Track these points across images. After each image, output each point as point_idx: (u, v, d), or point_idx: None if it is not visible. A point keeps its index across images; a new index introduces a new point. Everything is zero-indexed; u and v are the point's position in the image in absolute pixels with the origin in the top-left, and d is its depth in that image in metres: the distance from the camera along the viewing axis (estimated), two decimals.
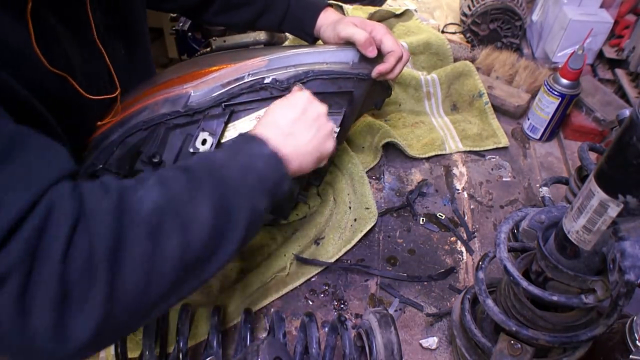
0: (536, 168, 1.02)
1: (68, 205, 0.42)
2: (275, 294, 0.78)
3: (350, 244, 0.84)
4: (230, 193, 0.52)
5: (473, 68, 1.11)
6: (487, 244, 0.88)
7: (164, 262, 0.46)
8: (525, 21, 1.24)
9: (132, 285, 0.44)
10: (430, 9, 1.43)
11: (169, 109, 0.71)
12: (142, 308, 0.46)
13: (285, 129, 0.62)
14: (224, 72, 0.74)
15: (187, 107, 0.70)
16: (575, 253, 0.50)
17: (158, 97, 0.72)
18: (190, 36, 1.26)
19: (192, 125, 0.71)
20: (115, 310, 0.43)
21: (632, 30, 1.14)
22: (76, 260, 0.41)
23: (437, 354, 0.73)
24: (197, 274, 0.50)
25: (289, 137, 0.62)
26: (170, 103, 0.71)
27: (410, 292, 0.80)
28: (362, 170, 0.93)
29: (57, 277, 0.40)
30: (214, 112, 0.71)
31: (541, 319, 0.57)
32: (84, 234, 0.42)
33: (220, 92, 0.72)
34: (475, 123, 1.08)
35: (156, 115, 0.70)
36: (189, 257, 0.48)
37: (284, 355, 0.58)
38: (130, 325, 0.47)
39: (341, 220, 0.88)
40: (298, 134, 0.63)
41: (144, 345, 0.66)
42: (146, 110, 0.71)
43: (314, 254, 0.84)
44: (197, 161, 0.54)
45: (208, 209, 0.49)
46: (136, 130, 0.70)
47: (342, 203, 0.90)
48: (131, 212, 0.45)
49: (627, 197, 0.43)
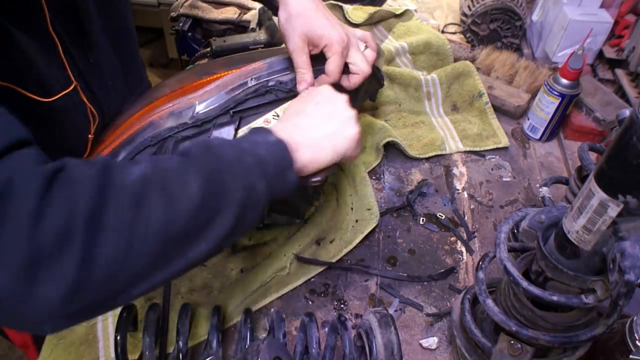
0: (536, 168, 1.02)
1: (36, 169, 0.41)
2: (275, 293, 0.78)
3: (351, 245, 0.84)
4: (224, 170, 0.50)
5: (473, 68, 1.11)
6: (487, 244, 0.88)
7: (146, 233, 0.44)
8: (525, 21, 1.24)
9: (109, 253, 0.42)
10: (430, 9, 1.43)
11: (175, 122, 0.70)
12: (118, 281, 0.43)
13: (297, 120, 0.61)
14: (227, 79, 0.74)
15: (194, 117, 0.70)
16: (575, 253, 0.50)
17: (162, 111, 0.71)
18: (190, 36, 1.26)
19: (201, 135, 0.71)
20: (88, 279, 0.41)
21: (632, 30, 1.14)
22: (50, 221, 0.39)
23: (437, 354, 0.73)
24: (183, 252, 0.47)
25: (299, 127, 0.60)
26: (175, 116, 0.71)
27: (410, 292, 0.80)
28: (364, 172, 0.93)
29: (26, 237, 0.38)
30: (222, 120, 0.71)
31: (541, 319, 0.57)
32: (62, 195, 0.40)
33: (225, 99, 0.71)
34: (475, 123, 1.08)
35: (163, 129, 0.70)
36: (173, 230, 0.45)
37: (284, 355, 0.59)
38: (104, 301, 0.44)
39: (343, 221, 0.88)
40: (310, 122, 0.61)
41: (144, 345, 0.66)
42: (151, 125, 0.70)
43: (314, 255, 0.84)
44: (196, 145, 0.53)
45: (198, 184, 0.47)
46: (144, 147, 0.69)
47: (344, 204, 0.90)
48: (115, 180, 0.44)
49: (627, 197, 0.43)
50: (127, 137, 0.70)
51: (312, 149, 0.59)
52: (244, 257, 0.84)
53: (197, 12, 1.23)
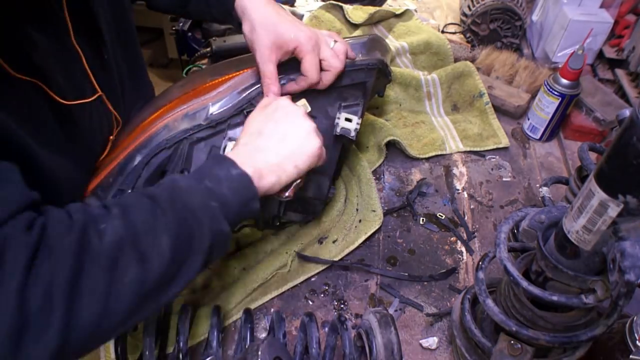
0: (536, 168, 1.02)
1: (25, 238, 0.43)
2: (275, 291, 0.79)
3: (353, 245, 0.84)
4: (192, 219, 0.53)
5: (473, 68, 1.11)
6: (487, 244, 0.88)
7: (122, 293, 0.47)
8: (525, 21, 1.24)
9: (89, 316, 0.45)
10: (430, 9, 1.43)
11: (189, 123, 0.71)
12: (99, 335, 0.47)
13: (257, 143, 0.62)
14: (238, 80, 0.74)
15: (208, 119, 0.71)
16: (575, 253, 0.50)
17: (176, 114, 0.72)
18: (190, 36, 1.26)
19: (216, 136, 0.72)
20: (71, 339, 0.44)
21: (632, 30, 1.14)
22: (35, 292, 0.42)
23: (437, 354, 0.73)
24: (156, 299, 0.51)
25: (260, 151, 0.61)
26: (189, 118, 0.71)
27: (410, 292, 0.80)
28: (370, 173, 0.93)
29: (15, 308, 0.41)
30: (236, 120, 0.72)
31: (541, 319, 0.57)
32: (45, 266, 0.43)
33: (238, 99, 0.72)
34: (475, 123, 1.08)
35: (178, 131, 0.70)
36: (147, 286, 0.49)
37: (284, 355, 0.59)
38: (87, 350, 0.49)
39: (347, 221, 0.88)
40: (270, 145, 0.62)
41: (144, 345, 0.66)
42: (166, 128, 0.71)
43: (315, 253, 0.84)
44: (163, 187, 0.55)
45: (168, 238, 0.50)
46: (160, 150, 0.70)
47: (350, 204, 0.91)
48: (92, 245, 0.46)
49: (627, 197, 0.43)
50: (143, 141, 0.71)
51: (275, 174, 0.61)
52: (246, 255, 0.84)
53: None
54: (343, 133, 0.77)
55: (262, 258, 0.83)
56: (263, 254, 0.84)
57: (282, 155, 0.62)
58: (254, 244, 0.86)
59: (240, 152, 0.61)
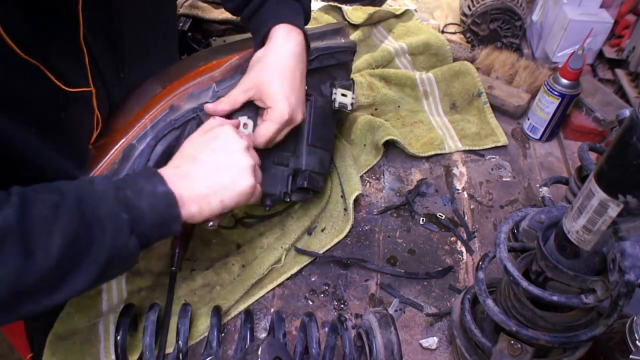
0: (536, 168, 1.02)
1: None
2: (270, 284, 0.79)
3: (342, 234, 0.85)
4: (95, 227, 0.51)
5: (471, 67, 1.11)
6: (487, 244, 0.88)
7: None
8: (525, 21, 1.24)
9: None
10: (430, 9, 1.43)
11: (195, 103, 0.71)
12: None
13: (189, 168, 0.60)
14: (239, 59, 0.76)
15: (215, 96, 0.71)
16: (575, 253, 0.50)
17: (180, 94, 0.72)
18: (190, 36, 1.26)
19: None
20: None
21: (632, 30, 1.14)
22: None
23: (437, 354, 0.73)
24: (36, 300, 0.49)
25: (189, 178, 0.60)
26: (195, 97, 0.71)
27: (410, 292, 0.80)
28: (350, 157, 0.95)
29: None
30: None
31: (541, 319, 0.57)
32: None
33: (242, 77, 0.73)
34: (473, 122, 1.08)
35: (185, 111, 0.70)
36: (26, 282, 0.47)
37: (284, 355, 0.59)
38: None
39: (333, 210, 0.89)
40: (201, 174, 0.60)
41: (144, 345, 0.66)
42: (171, 109, 0.71)
43: (307, 244, 0.84)
44: (77, 185, 0.53)
45: (61, 239, 0.48)
46: (168, 131, 0.69)
47: (334, 193, 0.92)
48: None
49: (627, 197, 0.43)
50: (150, 122, 0.70)
51: (198, 205, 0.59)
52: (244, 252, 0.84)
53: (197, 12, 1.23)
54: (341, 107, 0.84)
55: (259, 254, 0.84)
56: (260, 249, 0.85)
57: (210, 187, 0.60)
58: (252, 240, 0.86)
59: (167, 174, 0.58)
